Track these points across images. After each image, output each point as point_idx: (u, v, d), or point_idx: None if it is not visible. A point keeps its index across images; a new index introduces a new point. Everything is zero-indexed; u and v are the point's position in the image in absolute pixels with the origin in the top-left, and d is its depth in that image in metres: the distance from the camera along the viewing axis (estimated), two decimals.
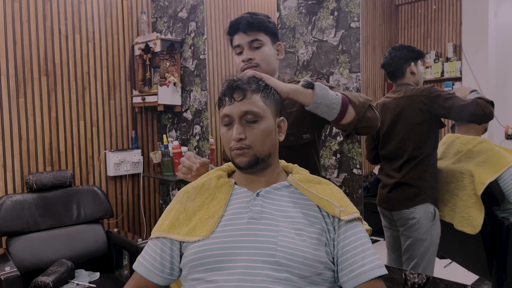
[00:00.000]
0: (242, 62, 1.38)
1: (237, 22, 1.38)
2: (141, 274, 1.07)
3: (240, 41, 1.39)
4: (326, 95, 1.17)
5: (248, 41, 1.37)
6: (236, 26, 1.39)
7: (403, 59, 1.76)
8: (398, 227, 1.79)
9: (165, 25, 2.99)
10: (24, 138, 2.51)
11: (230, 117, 1.05)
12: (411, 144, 1.73)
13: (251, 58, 1.37)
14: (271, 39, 1.41)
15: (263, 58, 1.38)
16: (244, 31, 1.37)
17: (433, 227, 1.68)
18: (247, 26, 1.36)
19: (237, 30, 1.39)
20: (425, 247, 1.70)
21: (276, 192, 1.07)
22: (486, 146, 1.61)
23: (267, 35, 1.40)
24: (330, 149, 2.00)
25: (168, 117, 3.04)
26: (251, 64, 1.37)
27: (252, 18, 1.36)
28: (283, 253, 0.94)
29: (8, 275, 1.81)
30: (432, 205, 1.68)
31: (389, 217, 1.83)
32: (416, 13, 1.82)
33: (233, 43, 1.42)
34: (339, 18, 1.93)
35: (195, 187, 1.13)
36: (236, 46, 1.40)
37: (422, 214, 1.70)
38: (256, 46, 1.38)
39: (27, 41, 2.50)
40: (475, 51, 1.63)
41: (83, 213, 2.44)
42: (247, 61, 1.37)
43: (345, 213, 1.00)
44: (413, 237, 1.72)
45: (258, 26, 1.37)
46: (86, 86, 2.76)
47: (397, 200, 1.79)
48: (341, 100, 1.18)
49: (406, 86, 1.75)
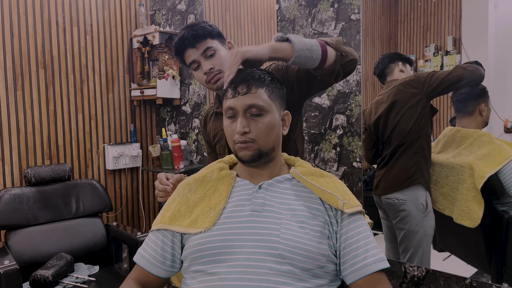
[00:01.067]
0: (204, 75, 1.36)
1: (181, 40, 1.35)
2: (142, 266, 1.07)
3: (193, 56, 1.36)
4: (303, 41, 1.11)
5: (200, 53, 1.35)
6: (182, 44, 1.36)
7: (392, 59, 1.83)
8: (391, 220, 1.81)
9: (163, 17, 2.97)
10: (22, 132, 2.49)
11: (234, 109, 1.04)
12: (404, 128, 1.75)
13: (212, 68, 1.35)
14: (219, 41, 1.40)
15: (222, 63, 1.36)
16: (192, 45, 1.35)
17: (425, 218, 1.70)
18: (192, 39, 1.34)
19: (185, 47, 1.37)
20: (418, 238, 1.71)
21: (278, 185, 1.06)
22: (486, 139, 1.61)
23: (214, 39, 1.38)
24: (330, 142, 2.00)
25: (167, 110, 3.03)
26: (214, 73, 1.35)
27: (194, 30, 1.34)
28: (286, 245, 0.94)
29: (7, 268, 1.81)
30: (423, 191, 1.70)
31: (383, 208, 1.85)
32: (416, 5, 1.80)
33: (186, 62, 1.40)
34: (339, 10, 1.92)
35: (197, 179, 1.13)
36: (191, 63, 1.38)
37: (412, 206, 1.72)
38: (210, 54, 1.36)
39: (24, 34, 2.48)
40: (474, 43, 1.63)
41: (82, 207, 2.43)
42: (208, 72, 1.35)
43: (348, 206, 1.00)
44: (406, 229, 1.74)
45: (203, 34, 1.35)
46: (84, 79, 2.74)
47: (388, 184, 1.81)
48: (318, 41, 1.13)
49: (395, 81, 1.79)
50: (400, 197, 1.76)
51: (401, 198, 1.76)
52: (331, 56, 1.15)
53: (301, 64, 1.14)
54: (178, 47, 1.38)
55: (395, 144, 1.79)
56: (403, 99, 1.75)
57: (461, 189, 1.62)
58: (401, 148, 1.77)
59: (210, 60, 1.35)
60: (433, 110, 1.72)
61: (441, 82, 1.65)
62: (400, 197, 1.76)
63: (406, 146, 1.75)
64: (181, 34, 1.36)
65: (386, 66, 1.84)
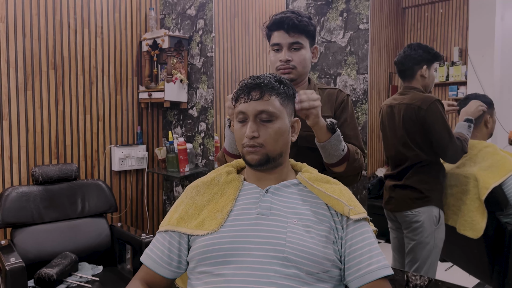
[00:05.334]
0: (279, 61, 1.39)
1: (281, 20, 1.37)
2: (148, 266, 1.09)
3: (281, 40, 1.39)
4: (336, 147, 1.25)
5: (289, 42, 1.38)
6: (280, 24, 1.38)
7: (416, 60, 1.73)
8: (403, 230, 1.80)
9: (173, 22, 3.00)
10: (31, 131, 2.52)
11: (245, 114, 1.06)
12: (413, 150, 1.73)
13: (290, 60, 1.37)
14: (309, 42, 1.42)
15: (301, 61, 1.39)
16: (287, 31, 1.37)
17: (437, 230, 1.68)
18: (292, 27, 1.36)
19: (279, 27, 1.38)
20: (427, 250, 1.70)
21: (285, 189, 1.08)
22: (491, 150, 1.62)
23: (307, 39, 1.41)
24: None
25: (174, 113, 3.05)
26: (289, 66, 1.38)
27: (298, 20, 1.36)
28: (292, 249, 0.95)
29: (13, 265, 1.82)
30: (436, 208, 1.69)
31: (394, 220, 1.84)
32: (422, 16, 1.81)
33: (271, 39, 1.42)
34: (348, 20, 1.94)
35: (205, 182, 1.14)
36: (275, 44, 1.40)
37: (426, 217, 1.70)
38: (296, 48, 1.38)
39: (36, 34, 2.52)
40: (481, 55, 1.63)
41: (88, 207, 2.45)
42: (284, 62, 1.38)
43: (354, 212, 1.01)
44: (416, 240, 1.72)
45: (303, 29, 1.38)
46: (93, 81, 2.77)
47: (401, 202, 1.79)
48: (342, 157, 1.28)
49: (413, 90, 1.73)
50: (414, 209, 1.74)
51: (415, 211, 1.74)
52: (337, 169, 1.32)
53: (319, 150, 1.28)
54: (274, 24, 1.40)
55: (405, 164, 1.75)
56: (410, 123, 1.72)
57: (465, 200, 1.62)
58: (411, 169, 1.74)
59: (293, 52, 1.38)
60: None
61: (437, 142, 1.67)
62: (414, 210, 1.74)
63: (416, 169, 1.73)
64: (286, 15, 1.37)
65: (409, 68, 1.74)
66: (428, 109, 1.65)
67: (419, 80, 1.72)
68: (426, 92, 1.72)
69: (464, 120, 1.62)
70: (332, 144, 1.23)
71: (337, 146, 1.24)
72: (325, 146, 1.24)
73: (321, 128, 1.22)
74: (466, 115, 1.62)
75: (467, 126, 1.61)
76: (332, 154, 1.26)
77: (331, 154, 1.26)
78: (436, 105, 1.65)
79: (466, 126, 1.61)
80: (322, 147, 1.25)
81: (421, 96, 1.70)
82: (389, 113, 1.81)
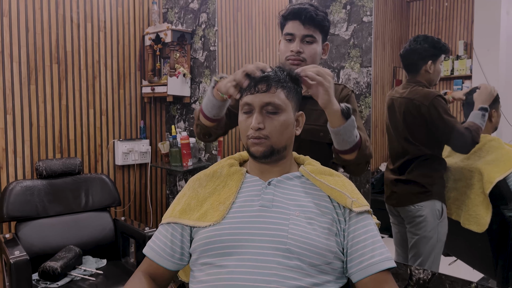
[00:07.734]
0: (290, 51, 1.38)
1: (299, 11, 1.36)
2: (151, 258, 1.09)
3: (295, 30, 1.38)
4: (350, 132, 1.20)
5: (303, 34, 1.37)
6: (297, 14, 1.37)
7: (421, 54, 1.71)
8: (405, 224, 1.79)
9: (176, 15, 2.99)
10: (35, 125, 2.53)
11: (251, 105, 1.05)
12: (414, 144, 1.72)
13: (301, 52, 1.37)
14: (322, 38, 1.42)
15: (311, 55, 1.38)
16: (303, 22, 1.37)
17: (440, 224, 1.68)
18: (308, 19, 1.36)
19: (296, 18, 1.38)
20: (431, 244, 1.70)
21: (287, 181, 1.08)
22: (495, 144, 1.61)
23: (321, 34, 1.40)
24: None
25: (177, 107, 3.05)
26: (298, 58, 1.37)
27: (315, 13, 1.36)
28: (294, 241, 0.95)
29: (17, 258, 1.84)
30: (439, 202, 1.68)
31: (396, 214, 1.84)
32: (427, 9, 1.80)
33: (285, 29, 1.42)
34: (351, 12, 1.93)
35: (207, 174, 1.15)
36: (288, 34, 1.40)
37: (429, 211, 1.70)
38: (309, 41, 1.38)
39: (39, 29, 2.52)
40: (486, 49, 1.62)
41: (91, 201, 2.46)
42: (295, 53, 1.37)
43: (356, 204, 1.01)
44: (420, 234, 1.72)
45: (318, 24, 1.37)
46: (96, 75, 2.77)
47: (403, 197, 1.79)
48: (355, 144, 1.23)
49: (417, 84, 1.72)
50: (417, 204, 1.74)
51: (418, 205, 1.74)
52: (349, 157, 1.26)
53: (331, 136, 1.23)
54: (290, 14, 1.39)
55: (405, 158, 1.75)
56: (412, 118, 1.71)
57: (469, 194, 1.62)
58: (412, 164, 1.73)
59: (305, 45, 1.38)
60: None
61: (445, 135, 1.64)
62: (417, 204, 1.74)
63: (418, 163, 1.72)
64: (304, 6, 1.37)
65: (414, 62, 1.74)
66: (430, 105, 1.65)
67: (424, 74, 1.71)
68: (431, 85, 1.72)
69: (478, 109, 1.59)
70: (347, 129, 1.19)
71: (351, 131, 1.20)
72: (340, 132, 1.19)
73: (335, 112, 1.16)
74: (481, 103, 1.59)
75: (481, 115, 1.58)
76: (346, 140, 1.21)
77: (344, 140, 1.21)
78: (438, 100, 1.64)
79: (479, 115, 1.58)
80: (336, 132, 1.19)
81: (423, 92, 1.69)
82: (390, 106, 1.81)
